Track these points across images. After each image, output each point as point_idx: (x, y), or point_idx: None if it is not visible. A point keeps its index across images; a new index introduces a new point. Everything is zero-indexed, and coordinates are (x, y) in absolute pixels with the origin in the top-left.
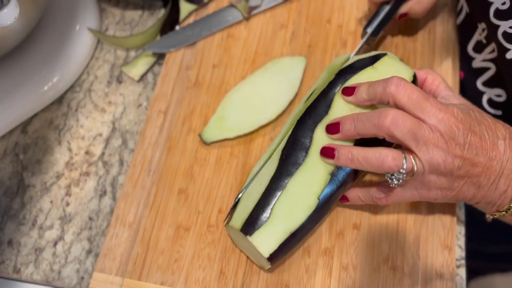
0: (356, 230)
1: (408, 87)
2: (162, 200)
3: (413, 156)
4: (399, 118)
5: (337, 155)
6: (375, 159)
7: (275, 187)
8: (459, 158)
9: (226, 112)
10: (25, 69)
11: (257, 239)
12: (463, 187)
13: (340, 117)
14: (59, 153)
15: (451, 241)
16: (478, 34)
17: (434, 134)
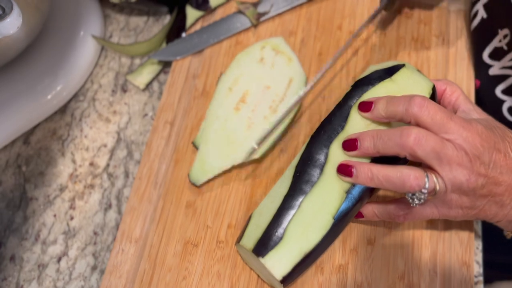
0: (370, 246)
1: (431, 108)
2: (169, 214)
3: (435, 175)
4: (422, 137)
5: (355, 173)
6: (396, 179)
7: (288, 206)
8: (483, 177)
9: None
10: (28, 78)
11: (270, 261)
12: (485, 205)
13: (358, 133)
14: (63, 165)
15: (469, 257)
16: (498, 41)
17: (458, 153)
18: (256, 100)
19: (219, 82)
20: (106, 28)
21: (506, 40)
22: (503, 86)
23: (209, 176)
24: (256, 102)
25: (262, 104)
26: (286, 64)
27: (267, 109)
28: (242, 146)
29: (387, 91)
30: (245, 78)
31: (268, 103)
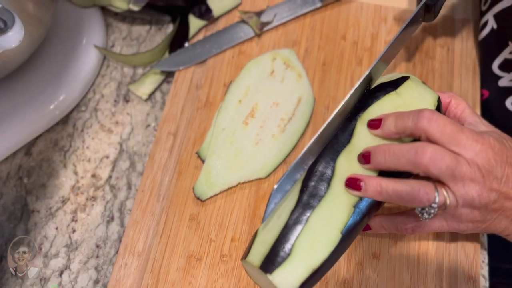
0: (375, 260)
1: (441, 121)
2: (172, 227)
3: (445, 189)
4: (438, 155)
5: (364, 187)
6: (406, 193)
7: (295, 222)
8: (495, 192)
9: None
10: (30, 88)
11: (277, 277)
12: (496, 220)
13: (372, 147)
14: (65, 177)
15: (476, 272)
16: (508, 53)
17: (471, 169)
18: (265, 116)
19: (228, 92)
20: (108, 37)
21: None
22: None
23: (216, 191)
24: (264, 118)
25: (271, 121)
26: (296, 81)
27: (276, 128)
28: (249, 163)
29: (392, 104)
30: (255, 90)
31: (277, 121)
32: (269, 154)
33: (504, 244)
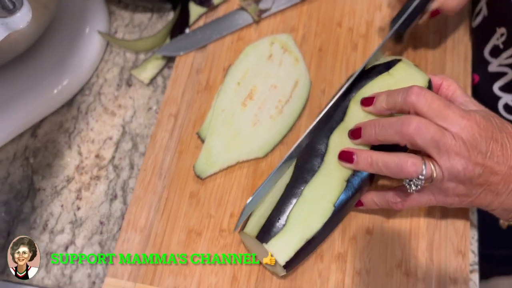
0: (369, 235)
1: (428, 96)
2: (173, 204)
3: (432, 163)
4: (422, 126)
5: (356, 160)
6: (394, 165)
7: (290, 195)
8: (479, 166)
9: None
10: (35, 73)
11: (273, 247)
12: (481, 194)
13: (362, 122)
14: (69, 157)
15: (465, 246)
16: (496, 39)
17: (456, 142)
18: (263, 98)
19: (227, 74)
20: (111, 25)
21: (502, 39)
22: (501, 83)
23: (215, 170)
24: (263, 100)
25: (269, 103)
26: (293, 65)
27: (273, 109)
28: (247, 143)
29: (385, 84)
30: (253, 73)
31: (274, 103)
32: (267, 135)
33: (494, 230)
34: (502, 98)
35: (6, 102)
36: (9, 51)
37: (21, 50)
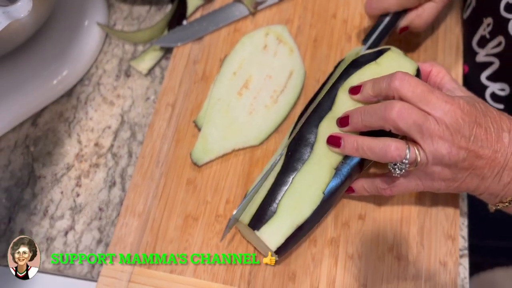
0: (361, 221)
1: (412, 81)
2: (171, 190)
3: (417, 147)
4: (405, 110)
5: (343, 144)
6: (378, 149)
7: (281, 183)
8: (464, 150)
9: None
10: (35, 63)
11: (264, 233)
12: (467, 178)
13: (349, 110)
14: (69, 145)
15: (455, 231)
16: (483, 29)
17: (439, 127)
18: (259, 87)
19: (223, 64)
20: (110, 17)
21: (489, 29)
22: (488, 73)
23: (211, 157)
24: (258, 89)
25: (264, 93)
26: (288, 55)
27: (268, 98)
28: (243, 131)
29: (372, 73)
30: (249, 63)
31: (269, 93)
32: (262, 124)
33: (485, 222)
34: (489, 87)
35: (7, 92)
36: (10, 41)
37: (21, 41)
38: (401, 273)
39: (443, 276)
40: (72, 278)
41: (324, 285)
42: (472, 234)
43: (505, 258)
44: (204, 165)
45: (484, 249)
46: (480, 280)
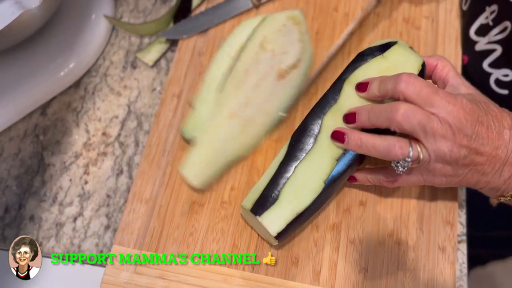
0: (362, 207)
1: (417, 84)
2: (177, 178)
3: (419, 145)
4: (410, 112)
5: (347, 140)
6: (382, 148)
7: (283, 171)
8: (465, 148)
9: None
10: (43, 55)
11: (266, 219)
12: (468, 174)
13: (356, 107)
14: (77, 134)
15: (453, 217)
16: (484, 18)
17: (442, 126)
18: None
19: (219, 49)
20: (116, 10)
21: (492, 16)
22: (490, 60)
23: (199, 131)
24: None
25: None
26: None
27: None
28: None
29: (379, 67)
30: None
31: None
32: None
33: (483, 213)
34: (492, 74)
35: (16, 82)
36: (19, 33)
37: (30, 33)
38: (401, 258)
39: (442, 261)
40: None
41: (326, 269)
42: (470, 225)
43: (503, 248)
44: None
45: (482, 240)
46: (478, 274)
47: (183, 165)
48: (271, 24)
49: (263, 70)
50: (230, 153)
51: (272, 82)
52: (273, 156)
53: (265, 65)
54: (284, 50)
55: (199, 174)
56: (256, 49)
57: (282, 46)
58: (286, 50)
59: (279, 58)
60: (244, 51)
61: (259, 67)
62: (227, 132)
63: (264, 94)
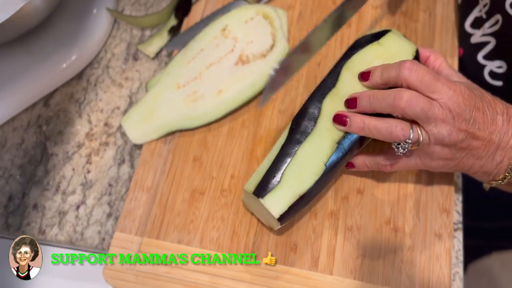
0: (360, 195)
1: (420, 70)
2: (178, 167)
3: (419, 128)
4: (413, 99)
5: (349, 123)
6: (384, 129)
7: (285, 154)
8: (463, 132)
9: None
10: (45, 48)
11: (268, 201)
12: (464, 158)
13: (357, 93)
14: (80, 125)
15: (449, 205)
16: (478, 10)
17: (443, 111)
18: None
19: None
20: (118, 3)
21: (486, 9)
22: (484, 52)
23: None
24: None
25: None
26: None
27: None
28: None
29: (375, 53)
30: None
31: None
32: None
33: (479, 204)
34: (486, 66)
35: (19, 74)
36: (22, 25)
37: (33, 25)
38: (398, 244)
39: (438, 247)
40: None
41: (324, 255)
42: (467, 216)
43: (501, 239)
44: (210, 143)
45: (480, 231)
46: (476, 269)
47: (125, 117)
48: (237, 16)
49: (221, 53)
50: (170, 119)
51: (231, 66)
52: (272, 145)
53: (224, 49)
54: (250, 39)
55: (134, 127)
56: (216, 34)
57: (248, 36)
58: (253, 40)
59: (243, 45)
60: (201, 33)
61: (217, 49)
62: (169, 99)
63: (220, 74)
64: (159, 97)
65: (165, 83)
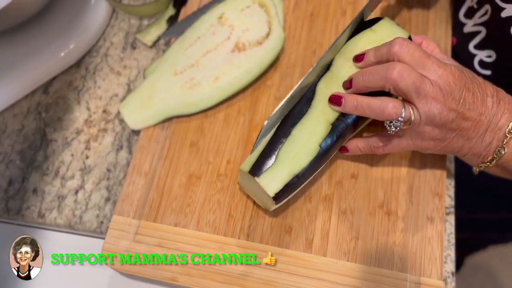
0: (354, 179)
1: (410, 46)
2: (175, 152)
3: (411, 107)
4: (405, 71)
5: (343, 103)
6: (377, 106)
7: (281, 135)
8: (453, 112)
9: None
10: (44, 36)
11: (264, 180)
12: (454, 139)
13: (353, 74)
14: (79, 112)
15: (441, 189)
16: (470, 0)
17: (434, 88)
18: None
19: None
20: None
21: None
22: (475, 42)
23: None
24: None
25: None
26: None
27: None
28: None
29: (368, 39)
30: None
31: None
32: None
33: (472, 195)
34: (477, 55)
35: (18, 62)
36: (21, 13)
37: (31, 14)
38: (391, 227)
39: (430, 230)
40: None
41: (318, 237)
42: (460, 207)
43: (496, 232)
44: (207, 129)
45: (474, 223)
46: (473, 263)
47: (123, 103)
48: (233, 4)
49: (218, 40)
50: (168, 106)
51: (227, 53)
52: None
53: (221, 36)
54: (246, 27)
55: (132, 113)
56: (212, 22)
57: (244, 24)
58: (249, 28)
59: (239, 33)
60: (198, 21)
61: (213, 36)
62: (166, 86)
63: (216, 61)
64: (156, 84)
65: (162, 70)
